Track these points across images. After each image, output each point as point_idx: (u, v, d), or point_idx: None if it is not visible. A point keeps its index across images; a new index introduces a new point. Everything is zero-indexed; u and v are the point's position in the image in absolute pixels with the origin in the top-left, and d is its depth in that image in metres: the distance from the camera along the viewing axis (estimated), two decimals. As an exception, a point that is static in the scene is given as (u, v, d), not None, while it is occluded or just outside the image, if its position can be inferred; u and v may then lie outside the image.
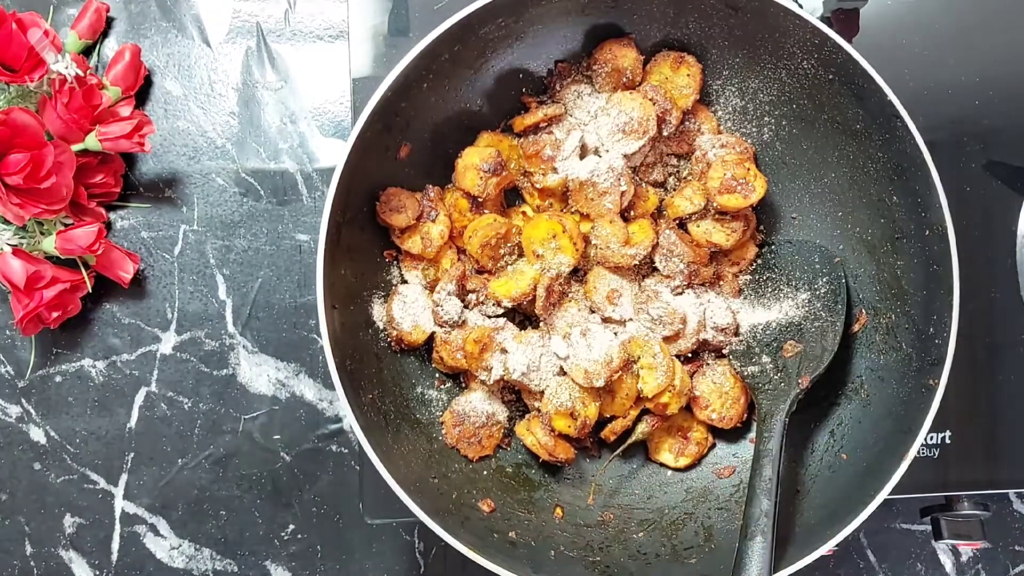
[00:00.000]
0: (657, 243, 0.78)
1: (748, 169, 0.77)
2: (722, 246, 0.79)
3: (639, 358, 0.76)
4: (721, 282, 0.81)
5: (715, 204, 0.77)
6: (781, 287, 0.80)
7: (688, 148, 0.82)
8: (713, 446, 0.82)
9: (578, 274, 0.80)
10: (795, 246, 0.81)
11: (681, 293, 0.79)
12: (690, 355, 0.80)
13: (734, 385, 0.79)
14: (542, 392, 0.76)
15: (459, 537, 0.67)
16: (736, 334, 0.80)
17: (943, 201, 0.69)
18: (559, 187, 0.78)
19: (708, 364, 0.80)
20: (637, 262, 0.77)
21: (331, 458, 0.89)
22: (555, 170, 0.78)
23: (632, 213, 0.79)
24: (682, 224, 0.81)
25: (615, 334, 0.76)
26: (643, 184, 0.82)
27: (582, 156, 0.78)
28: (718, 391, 0.79)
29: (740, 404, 0.79)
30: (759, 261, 0.82)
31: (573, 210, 0.79)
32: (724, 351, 0.80)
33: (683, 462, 0.80)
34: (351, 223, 0.74)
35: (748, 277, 0.82)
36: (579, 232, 0.77)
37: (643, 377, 0.76)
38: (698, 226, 0.79)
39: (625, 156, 0.78)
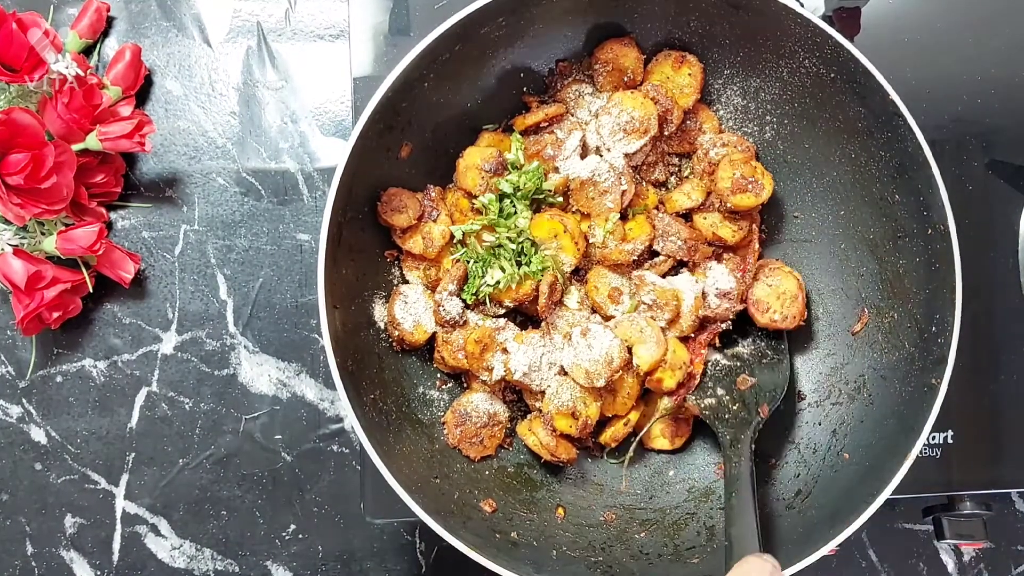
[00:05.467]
0: (654, 235, 0.78)
1: (755, 168, 0.77)
2: (727, 241, 0.79)
3: (631, 339, 0.75)
4: (725, 256, 0.81)
5: (728, 204, 0.76)
6: (728, 335, 0.81)
7: (690, 147, 0.82)
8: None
9: (579, 274, 0.80)
10: None
11: (675, 274, 0.79)
12: (693, 335, 0.79)
13: (789, 281, 0.78)
14: (543, 392, 0.76)
15: (461, 537, 0.67)
16: (742, 301, 0.78)
17: (945, 200, 0.69)
18: (560, 187, 0.78)
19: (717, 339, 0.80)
20: (636, 257, 0.77)
21: (332, 458, 0.89)
22: (556, 170, 0.78)
23: (631, 212, 0.79)
24: (687, 217, 0.81)
25: (614, 337, 0.76)
26: (644, 183, 0.81)
27: (583, 155, 0.78)
28: (775, 292, 0.78)
29: (799, 301, 0.77)
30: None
31: (574, 209, 0.79)
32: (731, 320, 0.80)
33: (678, 443, 0.80)
34: (352, 223, 0.74)
35: None
36: (580, 231, 0.77)
37: (636, 352, 0.75)
38: (704, 218, 0.79)
39: (626, 155, 0.77)
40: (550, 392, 0.75)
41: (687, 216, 0.81)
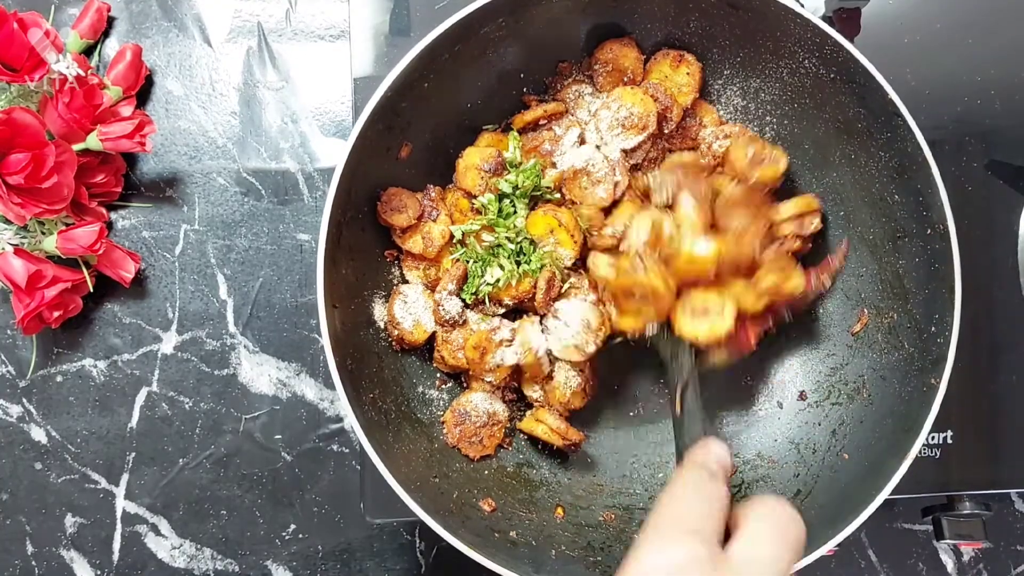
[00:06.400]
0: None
1: (763, 144, 0.75)
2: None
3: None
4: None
5: (751, 180, 0.73)
6: None
7: (691, 144, 0.82)
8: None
9: (578, 271, 0.80)
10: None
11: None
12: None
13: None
14: (550, 376, 0.76)
15: (460, 537, 0.67)
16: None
17: (945, 200, 0.69)
18: (557, 181, 0.78)
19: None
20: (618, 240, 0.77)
21: (332, 458, 0.89)
22: (554, 165, 0.78)
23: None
24: None
25: (583, 299, 0.76)
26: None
27: (580, 150, 0.79)
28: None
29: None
30: None
31: (569, 201, 0.79)
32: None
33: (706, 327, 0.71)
34: (352, 223, 0.74)
35: None
36: (576, 225, 0.77)
37: (689, 251, 0.71)
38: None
39: (624, 152, 0.77)
40: (559, 379, 0.76)
41: None
